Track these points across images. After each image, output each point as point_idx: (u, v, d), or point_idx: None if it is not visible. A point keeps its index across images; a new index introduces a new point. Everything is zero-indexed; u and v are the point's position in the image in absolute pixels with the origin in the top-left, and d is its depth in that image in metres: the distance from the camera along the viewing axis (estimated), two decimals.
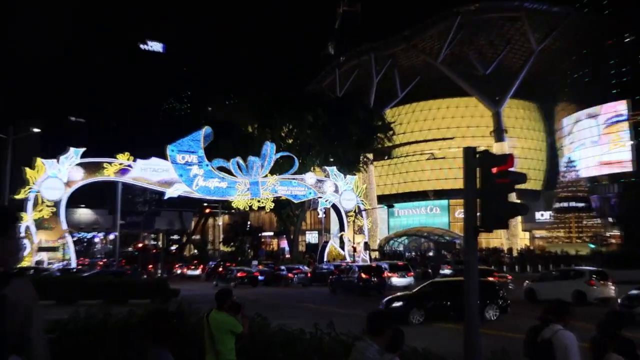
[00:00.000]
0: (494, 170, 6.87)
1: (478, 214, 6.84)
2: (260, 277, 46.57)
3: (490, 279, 29.94)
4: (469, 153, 6.96)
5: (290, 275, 46.58)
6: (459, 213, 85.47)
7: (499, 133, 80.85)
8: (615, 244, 69.05)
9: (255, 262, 56.14)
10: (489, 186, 6.83)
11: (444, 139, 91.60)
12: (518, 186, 7.54)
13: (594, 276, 28.46)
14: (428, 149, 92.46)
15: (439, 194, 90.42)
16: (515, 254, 69.71)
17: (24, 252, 44.09)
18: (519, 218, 74.48)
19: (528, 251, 72.72)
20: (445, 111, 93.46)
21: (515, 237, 79.13)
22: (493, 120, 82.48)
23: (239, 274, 45.16)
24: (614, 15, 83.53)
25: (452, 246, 79.10)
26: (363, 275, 36.83)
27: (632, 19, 78.48)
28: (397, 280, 40.00)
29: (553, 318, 5.69)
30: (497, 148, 74.40)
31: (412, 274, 42.28)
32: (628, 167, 79.04)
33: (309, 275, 46.70)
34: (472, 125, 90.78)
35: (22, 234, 42.93)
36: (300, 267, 50.12)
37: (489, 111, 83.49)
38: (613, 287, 28.15)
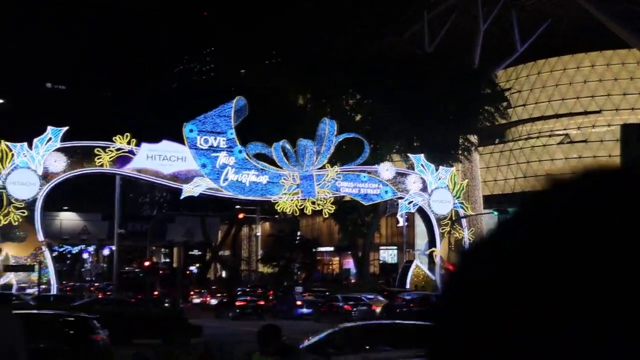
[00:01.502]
0: None
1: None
2: (305, 310, 49.48)
3: None
4: (629, 131, 6.85)
5: (347, 307, 47.54)
6: None
7: None
8: None
9: (299, 289, 56.84)
10: None
11: (585, 112, 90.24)
12: None
13: None
14: (561, 127, 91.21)
15: None
16: None
17: None
18: None
19: None
20: (589, 72, 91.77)
21: None
22: None
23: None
24: None
25: None
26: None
27: None
28: None
29: None
30: None
31: None
32: None
33: (373, 307, 47.18)
34: (628, 92, 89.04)
35: None
36: (365, 296, 50.58)
37: None
38: None
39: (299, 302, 54.04)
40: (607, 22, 79.26)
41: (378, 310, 47.09)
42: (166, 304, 52.00)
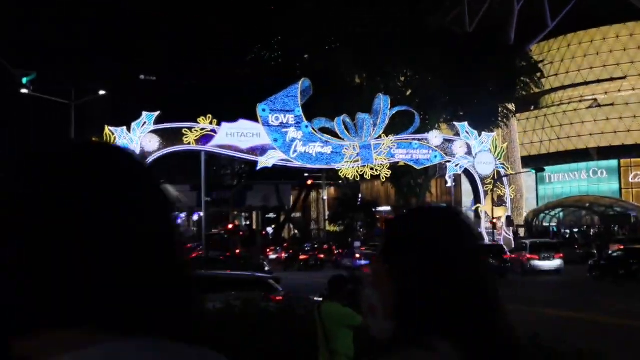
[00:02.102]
0: None
1: None
2: (362, 262, 49.35)
3: None
4: None
5: None
6: (635, 176, 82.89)
7: None
8: None
9: (357, 244, 57.26)
10: None
11: (611, 79, 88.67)
12: None
13: None
14: (590, 93, 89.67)
15: (606, 153, 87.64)
16: None
17: None
18: None
19: None
20: (614, 42, 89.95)
21: None
22: None
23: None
24: None
25: (627, 219, 76.77)
26: None
27: None
28: (540, 263, 40.23)
29: None
30: None
31: (562, 255, 41.89)
32: None
33: None
34: None
35: None
36: None
37: None
38: None
39: (357, 255, 54.57)
40: None
41: None
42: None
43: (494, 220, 55.77)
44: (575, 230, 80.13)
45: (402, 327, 1.61)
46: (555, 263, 40.56)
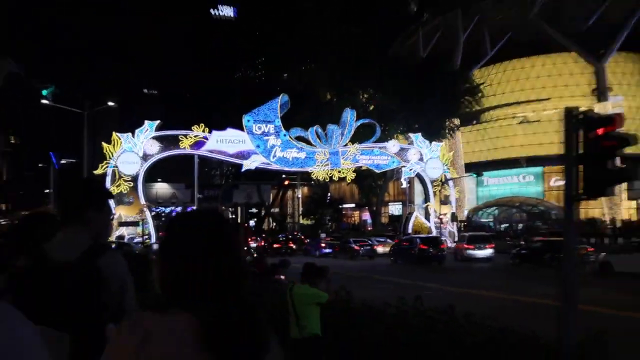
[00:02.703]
0: (599, 132, 6.70)
1: (579, 181, 6.71)
2: (326, 250, 51.26)
3: None
4: (570, 114, 6.80)
5: (356, 247, 48.47)
6: (555, 181, 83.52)
7: (602, 92, 78.08)
8: None
9: (323, 235, 57.61)
10: (592, 150, 6.68)
11: (538, 100, 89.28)
12: (623, 151, 7.33)
13: None
14: (520, 111, 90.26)
15: (532, 161, 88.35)
16: (617, 225, 67.80)
17: (112, 227, 46.11)
18: (624, 185, 72.29)
19: (628, 222, 70.53)
20: (540, 69, 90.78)
21: (618, 206, 76.77)
22: (595, 78, 79.65)
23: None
24: None
25: (547, 217, 77.59)
26: (421, 246, 39.64)
27: None
28: (475, 252, 41.39)
29: None
30: (599, 108, 71.62)
31: (493, 245, 42.46)
32: None
33: (375, 247, 48.94)
34: (570, 84, 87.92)
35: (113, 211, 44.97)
36: (377, 239, 52.16)
37: (590, 67, 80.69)
38: None
39: (322, 244, 54.73)
40: (553, 33, 78.36)
41: (378, 249, 48.00)
42: None
43: (441, 216, 56.06)
44: (507, 225, 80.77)
45: (160, 296, 1.83)
46: (487, 252, 41.25)
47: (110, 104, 55.78)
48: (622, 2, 79.17)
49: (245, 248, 47.92)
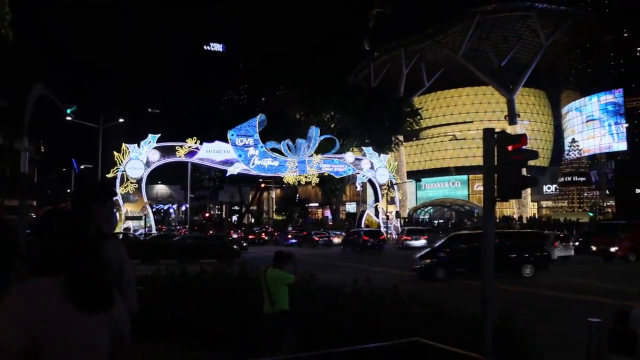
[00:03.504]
0: (510, 148, 6.81)
1: (495, 186, 6.80)
2: (292, 240, 51.86)
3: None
4: (488, 133, 6.89)
5: (316, 238, 49.44)
6: (478, 186, 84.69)
7: (512, 117, 79.46)
8: (611, 212, 68.45)
9: (289, 229, 57.60)
10: (505, 162, 6.78)
11: (464, 122, 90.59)
12: (528, 163, 7.49)
13: (559, 237, 30.10)
14: (450, 131, 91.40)
15: (460, 170, 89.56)
16: (524, 221, 68.94)
17: (116, 222, 45.46)
18: (529, 190, 73.71)
19: (533, 219, 71.84)
20: (466, 98, 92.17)
21: (525, 207, 78.17)
22: (507, 106, 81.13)
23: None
24: (614, 14, 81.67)
25: (471, 215, 78.59)
26: (364, 238, 40.79)
27: (630, 18, 77.91)
28: (411, 242, 42.90)
29: None
30: (510, 130, 72.92)
31: (426, 237, 43.38)
32: (622, 147, 79.23)
33: (331, 239, 49.50)
34: (488, 111, 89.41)
35: (119, 206, 44.38)
36: (334, 232, 52.86)
37: (504, 98, 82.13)
38: (572, 247, 30.25)
39: (289, 236, 54.88)
40: (475, 70, 79.61)
41: (335, 240, 48.24)
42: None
43: (387, 214, 56.26)
44: (440, 221, 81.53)
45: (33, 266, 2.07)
46: (421, 242, 42.32)
47: (121, 120, 55.06)
48: (528, 47, 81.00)
49: (230, 238, 47.69)
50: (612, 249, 27.82)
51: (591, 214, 66.68)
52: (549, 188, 79.49)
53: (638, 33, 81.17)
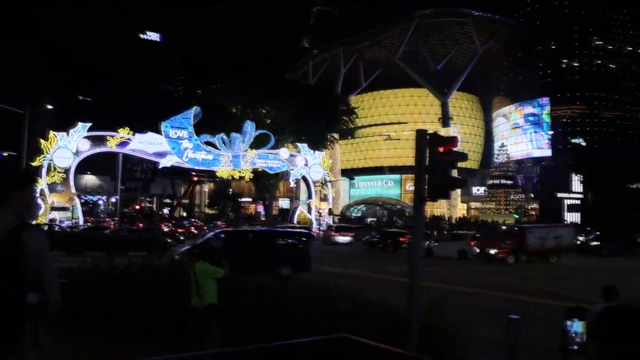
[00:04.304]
0: (441, 149, 6.97)
1: (426, 186, 6.93)
2: (223, 235, 49.39)
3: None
4: (421, 135, 7.03)
5: None
6: (410, 186, 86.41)
7: (445, 120, 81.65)
8: (535, 215, 71.61)
9: (218, 222, 57.66)
10: (436, 163, 6.93)
11: (399, 123, 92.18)
12: (458, 165, 7.69)
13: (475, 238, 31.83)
14: (385, 131, 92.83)
15: (393, 170, 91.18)
16: (454, 222, 70.88)
17: (38, 209, 43.68)
18: (459, 191, 75.90)
19: (462, 219, 74.05)
20: (401, 99, 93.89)
21: (454, 208, 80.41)
22: (441, 109, 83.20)
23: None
24: (544, 26, 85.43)
25: (402, 213, 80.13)
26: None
27: (558, 31, 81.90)
28: (339, 238, 43.93)
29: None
30: (443, 132, 74.61)
31: (353, 234, 44.27)
32: (547, 153, 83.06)
33: None
34: (423, 112, 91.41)
35: (37, 195, 42.51)
36: (260, 228, 52.07)
37: (438, 101, 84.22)
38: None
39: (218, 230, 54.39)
40: (411, 72, 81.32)
41: None
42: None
43: (320, 211, 56.62)
44: (373, 219, 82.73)
45: None
46: (347, 239, 43.65)
47: (49, 106, 52.80)
48: (464, 53, 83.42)
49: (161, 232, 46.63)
50: (491, 252, 29.04)
51: (516, 216, 69.44)
52: (478, 190, 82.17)
53: (564, 46, 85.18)
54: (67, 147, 45.37)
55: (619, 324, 1.75)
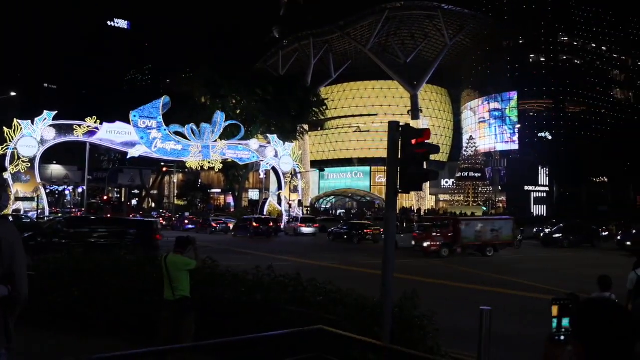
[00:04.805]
0: (414, 141, 7.00)
1: (397, 178, 6.96)
2: (190, 225, 51.90)
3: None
4: (393, 127, 7.05)
5: (214, 224, 49.62)
6: (379, 178, 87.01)
7: (415, 112, 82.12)
8: (502, 207, 72.89)
9: (187, 214, 57.37)
10: (408, 155, 6.96)
11: (369, 115, 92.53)
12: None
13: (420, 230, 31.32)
14: (355, 123, 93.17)
15: (363, 162, 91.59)
16: (422, 214, 71.50)
17: (7, 200, 42.82)
18: (428, 183, 76.58)
19: (431, 211, 74.78)
20: (371, 91, 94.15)
21: (423, 200, 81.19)
22: (411, 102, 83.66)
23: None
24: (512, 21, 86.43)
25: (372, 205, 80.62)
26: (254, 224, 42.83)
27: (525, 26, 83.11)
28: (304, 229, 45.42)
29: None
30: (413, 124, 75.09)
31: (317, 225, 46.62)
32: (512, 147, 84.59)
33: (228, 225, 49.68)
34: (392, 105, 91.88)
35: (8, 185, 41.70)
36: (224, 219, 53.13)
37: (408, 93, 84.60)
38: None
39: (186, 221, 54.77)
40: (381, 65, 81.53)
41: (231, 226, 48.23)
42: None
43: (290, 202, 56.55)
44: (342, 211, 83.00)
45: None
46: (312, 229, 44.67)
47: (13, 94, 51.57)
48: (433, 46, 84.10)
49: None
50: (425, 244, 28.19)
51: (484, 208, 70.39)
52: (446, 182, 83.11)
53: (531, 41, 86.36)
54: (31, 135, 44.42)
55: (590, 318, 1.77)
